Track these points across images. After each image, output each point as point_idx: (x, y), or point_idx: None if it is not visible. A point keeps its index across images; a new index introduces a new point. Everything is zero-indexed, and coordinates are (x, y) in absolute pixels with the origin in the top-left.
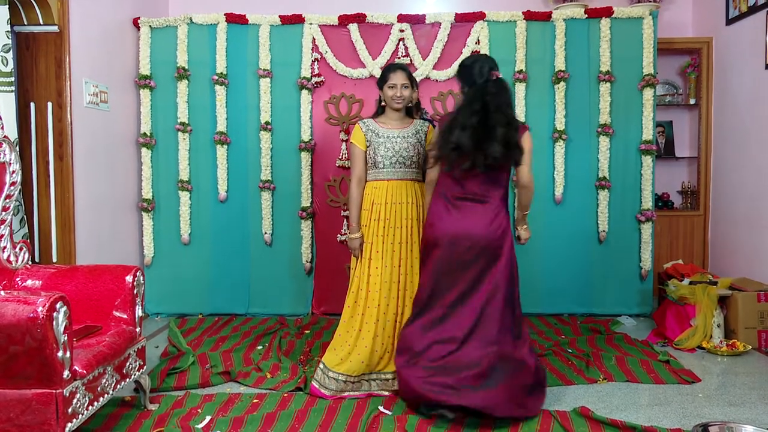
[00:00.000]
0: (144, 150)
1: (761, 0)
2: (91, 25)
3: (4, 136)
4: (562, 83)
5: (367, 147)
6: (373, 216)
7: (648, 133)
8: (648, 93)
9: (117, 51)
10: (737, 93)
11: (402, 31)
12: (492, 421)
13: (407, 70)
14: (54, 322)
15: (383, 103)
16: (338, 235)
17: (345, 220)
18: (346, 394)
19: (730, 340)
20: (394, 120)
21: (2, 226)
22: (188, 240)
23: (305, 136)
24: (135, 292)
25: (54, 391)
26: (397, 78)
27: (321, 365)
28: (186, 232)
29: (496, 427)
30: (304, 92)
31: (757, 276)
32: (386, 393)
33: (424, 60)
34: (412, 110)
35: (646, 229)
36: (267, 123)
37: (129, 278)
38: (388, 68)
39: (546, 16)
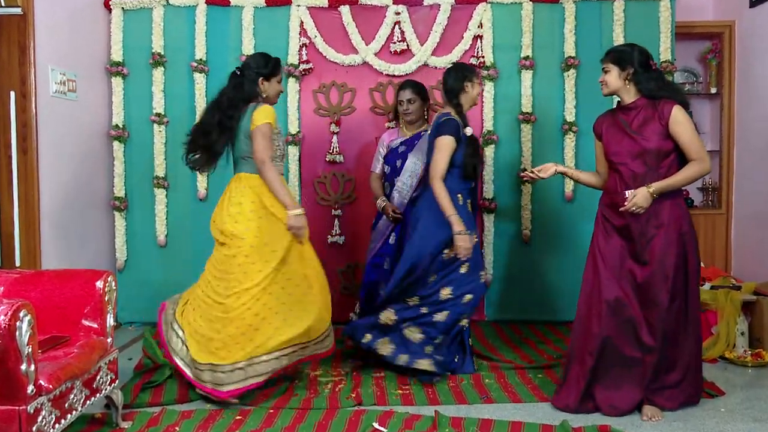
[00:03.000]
0: (116, 143)
1: None
2: (57, 7)
3: None
4: (572, 71)
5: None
6: None
7: None
8: None
9: (86, 35)
10: (762, 81)
11: (398, 13)
12: None
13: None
14: (17, 333)
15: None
16: (328, 237)
17: (336, 219)
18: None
19: (756, 350)
20: None
21: None
22: (165, 242)
23: (292, 128)
24: (106, 298)
25: (17, 407)
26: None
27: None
28: (162, 233)
29: None
30: (291, 80)
31: None
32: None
33: (422, 45)
34: None
35: None
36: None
37: (100, 284)
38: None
39: None
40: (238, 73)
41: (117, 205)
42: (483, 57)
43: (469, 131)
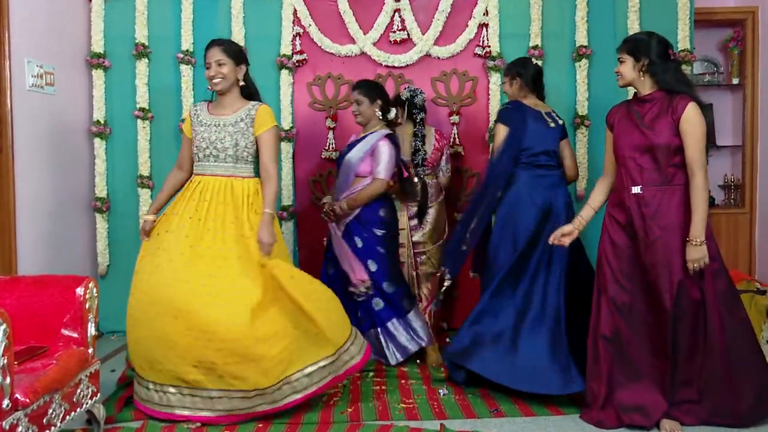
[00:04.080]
0: (97, 140)
1: None
2: None
3: None
4: (584, 61)
5: None
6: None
7: None
8: (684, 71)
9: (65, 25)
10: None
11: (398, 0)
12: None
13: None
14: None
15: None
16: (324, 239)
17: None
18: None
19: None
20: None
21: None
22: None
23: (285, 123)
24: (87, 306)
25: None
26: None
27: None
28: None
29: None
30: (284, 72)
31: None
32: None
33: (423, 35)
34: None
35: None
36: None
37: (80, 290)
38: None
39: None
40: None
41: (98, 206)
42: (489, 47)
43: None
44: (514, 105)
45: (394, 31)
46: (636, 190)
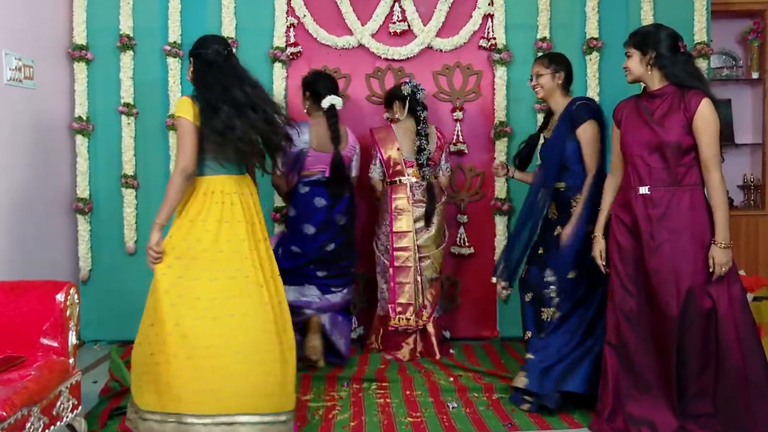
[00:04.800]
0: (79, 137)
1: None
2: None
3: None
4: (594, 54)
5: None
6: None
7: None
8: (701, 65)
9: (46, 15)
10: None
11: None
12: None
13: None
14: None
15: None
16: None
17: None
18: None
19: None
20: None
21: None
22: (134, 249)
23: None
24: (68, 313)
25: None
26: None
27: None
28: (131, 239)
29: None
30: (278, 65)
31: None
32: None
33: (425, 26)
34: None
35: None
36: None
37: (60, 297)
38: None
39: None
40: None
41: (80, 208)
42: (494, 38)
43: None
44: (591, 101)
45: (394, 22)
46: (644, 190)
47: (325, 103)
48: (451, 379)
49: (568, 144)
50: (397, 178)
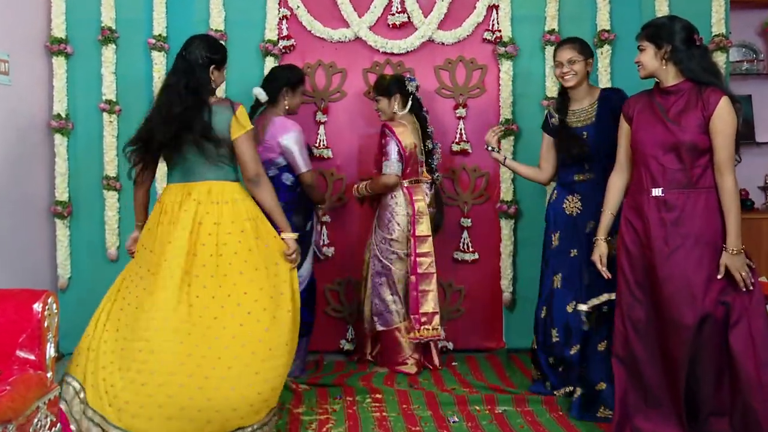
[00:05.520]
0: (58, 136)
1: None
2: None
3: None
4: (606, 47)
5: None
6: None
7: None
8: (719, 59)
9: (22, 7)
10: None
11: None
12: None
13: None
14: None
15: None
16: (323, 249)
17: (323, 227)
18: None
19: None
20: None
21: None
22: (116, 255)
23: None
24: (46, 324)
25: None
26: None
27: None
28: (114, 245)
29: None
30: (270, 60)
31: None
32: None
33: (425, 17)
34: None
35: None
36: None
37: (37, 306)
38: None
39: None
40: (185, 56)
41: (59, 211)
42: (499, 31)
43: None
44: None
45: (393, 14)
46: (657, 192)
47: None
48: (451, 389)
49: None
50: (415, 178)
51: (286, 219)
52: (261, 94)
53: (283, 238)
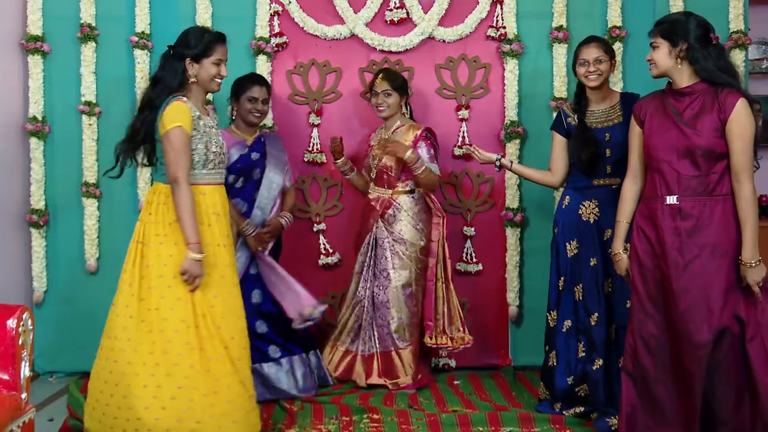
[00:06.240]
0: (34, 140)
1: None
2: None
3: None
4: (617, 44)
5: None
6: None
7: None
8: (737, 57)
9: None
10: None
11: None
12: None
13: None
14: None
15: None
16: (321, 257)
17: (321, 236)
18: None
19: None
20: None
21: None
22: (96, 267)
23: None
24: (20, 341)
25: None
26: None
27: None
28: (93, 256)
29: None
30: (261, 58)
31: None
32: None
33: (425, 14)
34: None
35: None
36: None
37: (11, 323)
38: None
39: None
40: (170, 51)
41: (35, 220)
42: (504, 27)
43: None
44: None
45: (391, 9)
46: (671, 200)
47: None
48: (453, 410)
49: None
50: None
51: (192, 232)
52: None
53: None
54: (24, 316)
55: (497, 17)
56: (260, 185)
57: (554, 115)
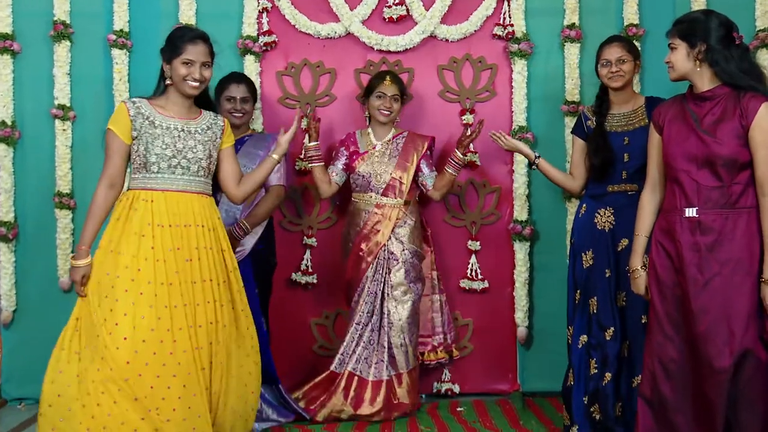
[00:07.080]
0: (2, 147)
1: None
2: None
3: None
4: (634, 44)
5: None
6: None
7: None
8: (764, 57)
9: None
10: None
11: None
12: None
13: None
14: None
15: None
16: (293, 274)
17: (308, 251)
18: None
19: None
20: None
21: None
22: (69, 284)
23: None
24: None
25: None
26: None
27: None
28: (66, 273)
29: None
30: (249, 59)
31: None
32: None
33: (427, 11)
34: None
35: None
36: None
37: None
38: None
39: None
40: None
41: (3, 233)
42: (512, 25)
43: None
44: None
45: (390, 6)
46: (690, 212)
47: None
48: None
49: None
50: None
51: (85, 235)
52: None
53: None
54: None
55: (504, 14)
56: None
57: (566, 120)
